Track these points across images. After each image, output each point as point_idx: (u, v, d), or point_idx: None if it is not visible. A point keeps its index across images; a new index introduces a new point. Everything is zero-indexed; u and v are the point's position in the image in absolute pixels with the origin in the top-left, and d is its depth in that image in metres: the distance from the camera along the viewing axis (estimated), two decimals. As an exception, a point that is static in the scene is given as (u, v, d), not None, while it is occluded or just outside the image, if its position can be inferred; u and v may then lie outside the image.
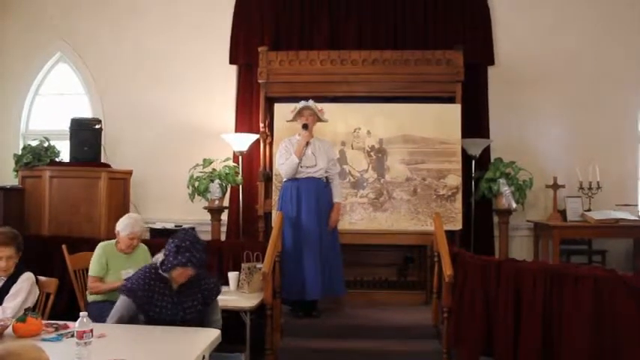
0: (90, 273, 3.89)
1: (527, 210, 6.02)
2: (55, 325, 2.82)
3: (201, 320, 3.07)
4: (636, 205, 6.00)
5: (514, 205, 5.70)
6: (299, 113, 4.59)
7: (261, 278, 4.11)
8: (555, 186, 5.76)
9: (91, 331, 2.30)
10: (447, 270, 3.88)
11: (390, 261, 5.51)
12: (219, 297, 3.94)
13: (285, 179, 4.60)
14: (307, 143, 4.53)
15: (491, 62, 6.20)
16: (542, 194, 6.06)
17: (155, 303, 2.95)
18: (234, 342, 3.63)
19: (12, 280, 3.22)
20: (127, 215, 4.04)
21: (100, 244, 3.95)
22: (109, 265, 3.85)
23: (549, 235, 5.60)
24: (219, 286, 3.22)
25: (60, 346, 2.52)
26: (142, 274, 3.03)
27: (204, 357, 2.47)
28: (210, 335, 2.68)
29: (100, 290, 3.83)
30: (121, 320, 2.95)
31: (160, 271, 3.00)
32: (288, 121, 4.75)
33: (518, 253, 5.83)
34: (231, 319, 3.81)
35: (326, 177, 4.61)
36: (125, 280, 3.11)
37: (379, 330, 4.43)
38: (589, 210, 5.70)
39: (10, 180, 5.56)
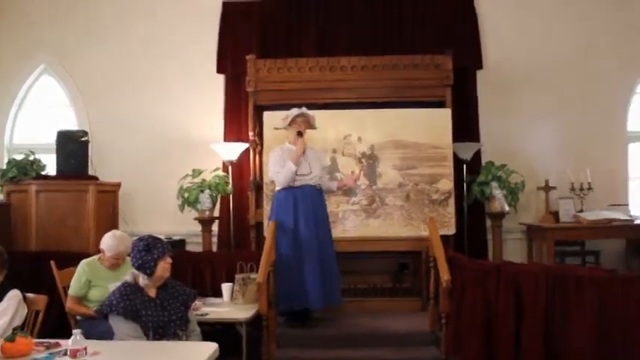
0: (69, 292, 3.79)
1: (520, 213, 6.01)
2: (45, 344, 2.71)
3: (187, 323, 3.05)
4: (628, 205, 6.02)
5: (507, 208, 5.69)
6: (293, 121, 4.54)
7: (255, 289, 4.03)
8: (547, 188, 5.76)
9: (85, 349, 2.22)
10: (444, 275, 3.84)
11: (384, 268, 5.46)
12: (214, 309, 3.93)
13: (278, 188, 4.53)
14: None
15: (480, 66, 6.21)
16: (534, 196, 6.06)
17: (140, 309, 2.91)
18: (229, 355, 3.55)
19: (-3, 298, 3.13)
20: (111, 234, 3.83)
21: (82, 262, 3.83)
22: (93, 281, 3.74)
23: (543, 237, 5.60)
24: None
25: (52, 366, 2.43)
26: (116, 292, 2.98)
27: (201, 372, 2.40)
28: (207, 349, 2.60)
29: (74, 312, 3.75)
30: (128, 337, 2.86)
31: (142, 278, 2.98)
32: (278, 129, 4.69)
33: (512, 255, 5.83)
34: (226, 332, 3.74)
35: (319, 184, 4.56)
36: (100, 305, 3.02)
37: (376, 338, 4.37)
38: (581, 211, 5.70)
39: (-5, 195, 5.45)
